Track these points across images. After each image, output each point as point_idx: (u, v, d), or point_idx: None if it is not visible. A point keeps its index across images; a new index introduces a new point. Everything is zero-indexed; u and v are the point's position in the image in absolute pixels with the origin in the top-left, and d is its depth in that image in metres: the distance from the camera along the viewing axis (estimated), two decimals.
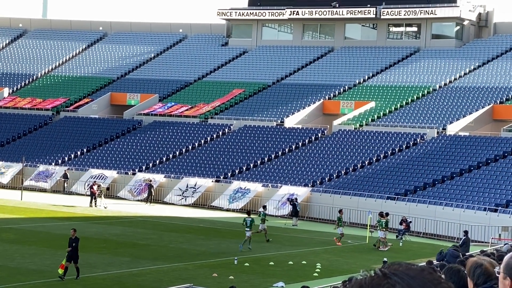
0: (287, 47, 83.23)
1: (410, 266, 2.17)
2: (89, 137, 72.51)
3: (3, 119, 77.23)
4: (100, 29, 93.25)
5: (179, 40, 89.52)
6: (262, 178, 60.88)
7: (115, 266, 33.78)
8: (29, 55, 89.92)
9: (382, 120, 67.36)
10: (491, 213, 48.95)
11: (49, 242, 39.56)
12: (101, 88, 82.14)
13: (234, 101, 75.67)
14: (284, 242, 43.75)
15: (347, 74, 76.75)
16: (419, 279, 2.09)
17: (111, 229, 45.78)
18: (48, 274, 31.32)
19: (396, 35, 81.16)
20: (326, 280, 29.71)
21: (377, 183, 56.66)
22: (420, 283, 2.09)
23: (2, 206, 54.07)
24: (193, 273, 32.85)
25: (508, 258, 4.64)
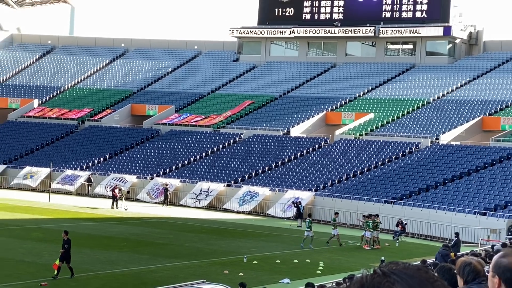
0: (293, 63, 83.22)
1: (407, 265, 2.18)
2: (111, 144, 72.59)
3: (32, 128, 77.41)
4: (121, 45, 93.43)
5: (194, 56, 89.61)
6: (269, 183, 60.84)
7: (134, 263, 33.78)
8: (57, 70, 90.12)
9: (380, 130, 67.26)
10: (480, 216, 48.81)
11: (73, 241, 39.36)
12: (123, 100, 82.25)
13: (244, 112, 75.66)
14: (289, 242, 43.69)
15: (348, 87, 76.68)
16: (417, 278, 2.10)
17: (131, 229, 45.79)
18: (74, 270, 31.33)
19: (393, 52, 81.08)
20: (328, 277, 29.64)
21: (375, 188, 56.57)
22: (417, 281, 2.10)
23: (31, 208, 54.19)
24: (206, 269, 32.83)
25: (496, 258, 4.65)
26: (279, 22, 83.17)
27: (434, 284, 2.11)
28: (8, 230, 42.22)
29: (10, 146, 74.03)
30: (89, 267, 32.29)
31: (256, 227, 50.35)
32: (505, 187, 52.97)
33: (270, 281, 30.00)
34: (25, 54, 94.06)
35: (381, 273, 2.15)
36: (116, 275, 30.95)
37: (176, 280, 28.78)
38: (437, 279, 2.12)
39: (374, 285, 2.13)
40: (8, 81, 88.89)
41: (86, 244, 38.71)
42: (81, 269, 31.33)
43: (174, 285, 24.92)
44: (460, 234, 41.07)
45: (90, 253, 35.84)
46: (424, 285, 2.09)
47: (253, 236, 45.15)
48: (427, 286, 2.09)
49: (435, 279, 2.12)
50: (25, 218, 48.33)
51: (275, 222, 53.64)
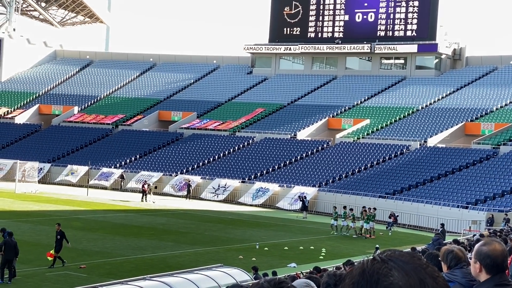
0: (299, 75, 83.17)
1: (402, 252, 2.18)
2: (141, 146, 72.72)
3: (73, 132, 77.66)
4: (150, 60, 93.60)
5: (213, 69, 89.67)
6: (278, 179, 60.79)
7: (161, 249, 33.82)
8: (94, 81, 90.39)
9: (376, 134, 67.11)
10: (463, 209, 48.63)
11: (109, 229, 39.70)
12: (151, 107, 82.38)
13: (257, 118, 75.64)
14: (296, 231, 43.64)
15: (347, 97, 76.56)
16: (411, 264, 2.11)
17: (158, 220, 45.85)
18: (108, 254, 31.43)
19: (387, 66, 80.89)
20: (330, 262, 29.60)
21: (371, 185, 56.45)
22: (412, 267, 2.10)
23: (72, 200, 54.36)
24: (223, 255, 32.83)
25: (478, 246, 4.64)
26: (288, 39, 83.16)
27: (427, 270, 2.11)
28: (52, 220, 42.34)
29: (54, 147, 74.29)
30: (122, 252, 32.36)
31: (267, 218, 50.32)
32: (484, 184, 52.76)
33: (279, 265, 29.99)
34: (66, 67, 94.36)
35: (380, 259, 2.16)
36: (145, 259, 31.01)
37: (197, 264, 28.78)
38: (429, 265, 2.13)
39: (374, 270, 2.14)
40: (52, 90, 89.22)
41: (119, 232, 38.80)
42: (114, 254, 31.42)
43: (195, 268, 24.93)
44: (445, 225, 40.99)
45: (122, 240, 35.91)
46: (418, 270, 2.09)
47: (264, 226, 45.13)
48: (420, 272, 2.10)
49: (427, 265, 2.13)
50: (67, 210, 48.48)
51: (283, 214, 53.62)
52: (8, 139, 77.47)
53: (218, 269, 20.04)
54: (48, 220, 42.15)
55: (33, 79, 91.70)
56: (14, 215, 43.90)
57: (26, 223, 40.60)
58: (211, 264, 23.53)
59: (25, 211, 46.30)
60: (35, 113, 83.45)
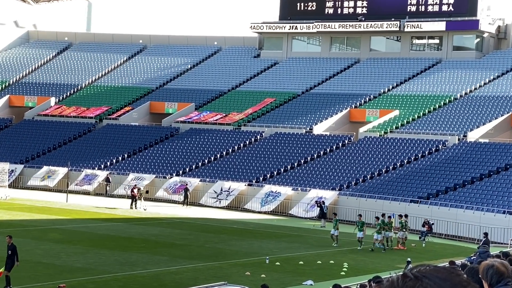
0: (315, 59, 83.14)
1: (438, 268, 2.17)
2: (130, 143, 72.87)
3: (50, 127, 77.86)
4: (140, 42, 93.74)
5: (214, 52, 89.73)
6: (292, 182, 60.83)
7: (154, 265, 33.88)
8: (74, 67, 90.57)
9: (406, 127, 67.06)
10: (510, 215, 48.53)
11: (92, 242, 39.80)
12: (141, 98, 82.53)
13: (266, 110, 75.69)
14: (312, 242, 43.65)
15: (372, 84, 76.51)
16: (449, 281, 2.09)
17: (150, 230, 45.95)
18: (92, 271, 31.51)
19: (419, 47, 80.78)
20: (353, 279, 29.59)
21: (401, 187, 56.42)
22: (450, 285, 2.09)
23: (49, 208, 54.52)
24: (227, 271, 32.88)
25: None
26: (301, 17, 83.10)
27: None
28: (25, 231, 42.50)
29: (27, 145, 74.50)
30: (107, 268, 32.43)
31: (278, 227, 50.34)
32: None
33: (293, 283, 30.00)
34: (41, 51, 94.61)
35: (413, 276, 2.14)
36: (135, 276, 31.07)
37: (197, 282, 28.83)
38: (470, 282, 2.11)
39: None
40: (24, 79, 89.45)
41: (105, 245, 38.90)
42: (99, 271, 31.50)
43: (195, 287, 24.98)
44: (489, 234, 40.91)
45: (108, 254, 35.99)
46: None
47: (275, 237, 45.13)
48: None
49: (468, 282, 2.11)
50: (43, 219, 48.62)
51: (297, 222, 53.63)
52: None
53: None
54: (21, 231, 42.25)
55: (2, 65, 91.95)
56: None
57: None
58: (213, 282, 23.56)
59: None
60: (4, 106, 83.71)
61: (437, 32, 78.24)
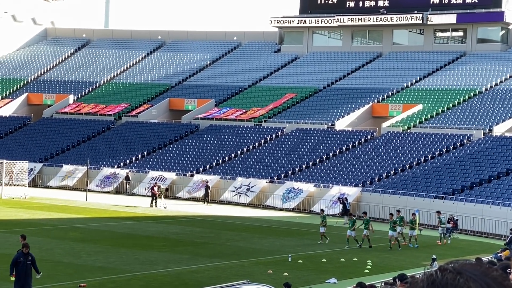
0: (337, 53, 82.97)
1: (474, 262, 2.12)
2: (149, 140, 73.03)
3: (68, 125, 78.19)
4: (158, 38, 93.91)
5: (234, 47, 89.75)
6: (314, 178, 60.75)
7: (175, 263, 33.94)
8: (92, 64, 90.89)
9: (430, 122, 66.80)
10: None
11: (112, 241, 39.93)
12: (160, 94, 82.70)
13: (287, 105, 75.62)
14: (335, 239, 43.56)
15: (395, 78, 76.26)
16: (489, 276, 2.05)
17: (170, 228, 46.03)
18: (112, 271, 31.60)
19: (443, 39, 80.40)
20: (377, 277, 29.50)
21: (425, 183, 56.19)
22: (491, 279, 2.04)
23: (69, 207, 54.78)
24: (249, 269, 32.87)
25: None
26: (322, 10, 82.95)
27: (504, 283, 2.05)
28: (45, 230, 42.73)
29: (46, 144, 74.85)
30: (128, 267, 32.52)
31: (301, 224, 50.31)
32: None
33: (316, 281, 29.95)
34: (59, 48, 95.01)
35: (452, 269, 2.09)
36: (156, 275, 31.12)
37: (218, 280, 28.85)
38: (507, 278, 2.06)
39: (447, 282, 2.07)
40: (42, 76, 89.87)
41: (125, 244, 39.01)
42: (119, 270, 31.59)
43: (216, 286, 24.98)
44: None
45: (129, 253, 36.09)
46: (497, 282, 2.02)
47: (298, 234, 45.10)
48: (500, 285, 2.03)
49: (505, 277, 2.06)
50: (62, 218, 48.86)
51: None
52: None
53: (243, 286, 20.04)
54: (41, 231, 42.50)
55: (20, 63, 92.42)
56: (0, 225, 44.31)
57: (15, 234, 40.92)
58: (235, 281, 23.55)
59: (14, 220, 46.74)
60: (23, 104, 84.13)
61: (461, 25, 77.83)
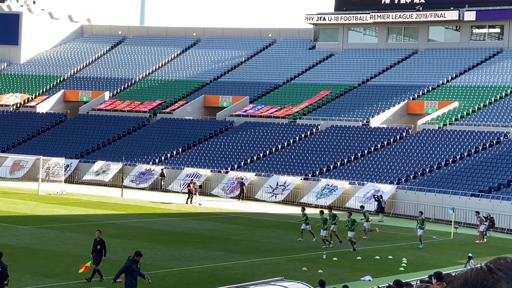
0: (372, 50, 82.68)
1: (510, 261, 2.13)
2: (184, 137, 73.32)
3: (104, 121, 78.71)
4: (193, 35, 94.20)
5: (268, 44, 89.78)
6: (348, 175, 60.62)
7: (209, 260, 34.06)
8: (128, 61, 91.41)
9: (466, 119, 66.34)
10: None
11: (148, 237, 40.17)
12: (195, 91, 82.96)
13: (322, 102, 75.52)
14: (370, 237, 43.44)
15: (431, 75, 75.83)
16: None
17: (205, 225, 46.19)
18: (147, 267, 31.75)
19: (479, 36, 79.78)
20: (412, 275, 29.39)
21: (461, 181, 55.83)
22: None
23: (104, 203, 55.17)
24: (284, 266, 32.90)
25: None
26: (357, 7, 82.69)
27: None
28: (81, 226, 43.09)
29: (82, 140, 75.44)
30: (163, 264, 32.71)
31: None
32: None
33: (350, 279, 29.90)
34: (95, 45, 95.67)
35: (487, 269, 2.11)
36: (191, 272, 31.25)
37: (253, 277, 28.91)
38: None
39: (478, 281, 2.10)
40: (78, 73, 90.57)
41: (160, 240, 39.23)
42: (155, 266, 31.77)
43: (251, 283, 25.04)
44: None
45: (164, 250, 36.29)
46: None
47: None
48: None
49: None
50: (98, 214, 49.22)
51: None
52: (29, 131, 78.99)
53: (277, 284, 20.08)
54: (77, 227, 42.90)
55: (56, 60, 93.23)
56: (37, 220, 44.79)
57: (52, 229, 41.38)
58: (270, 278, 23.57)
59: (50, 216, 47.18)
60: (59, 100, 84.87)
61: (498, 21, 77.17)
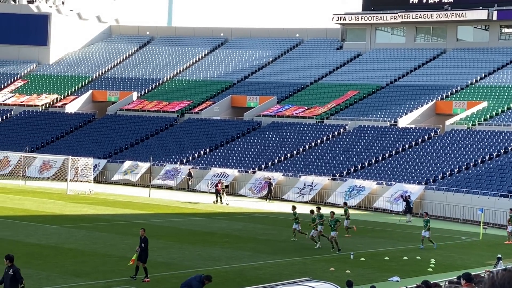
0: (400, 50, 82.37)
1: None
2: (212, 137, 73.48)
3: (132, 121, 79.08)
4: (221, 35, 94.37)
5: (296, 44, 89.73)
6: (376, 176, 60.44)
7: (237, 260, 34.10)
8: (156, 61, 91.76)
9: (495, 119, 65.90)
10: None
11: (175, 237, 40.29)
12: (222, 91, 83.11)
13: (349, 102, 75.36)
14: (398, 238, 43.29)
15: (459, 75, 75.41)
16: None
17: (233, 225, 46.24)
18: (175, 266, 31.91)
19: (509, 36, 79.19)
20: (440, 275, 29.25)
21: (490, 181, 55.45)
22: None
23: (132, 203, 55.41)
24: (311, 267, 32.88)
25: None
26: (385, 7, 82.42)
27: None
28: (109, 226, 43.33)
29: (110, 140, 75.84)
30: (190, 263, 32.79)
31: (363, 222, 50.05)
32: None
33: (378, 279, 29.81)
34: (123, 46, 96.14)
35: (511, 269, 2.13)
36: (218, 271, 31.29)
37: (280, 277, 28.91)
38: None
39: (504, 280, 2.12)
40: (107, 73, 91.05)
41: (187, 240, 39.34)
42: (182, 266, 31.87)
43: (278, 283, 25.04)
44: None
45: (191, 249, 36.38)
46: None
47: (360, 232, 44.91)
48: None
49: None
50: (126, 213, 49.44)
51: (382, 217, 53.29)
52: (58, 131, 79.55)
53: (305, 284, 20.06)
54: (105, 226, 43.12)
55: (85, 60, 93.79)
56: (66, 220, 45.09)
57: (80, 229, 41.64)
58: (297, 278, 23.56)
59: (79, 215, 47.48)
60: (88, 101, 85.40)
61: None
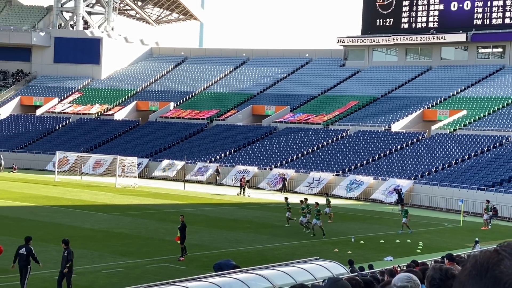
0: (393, 67, 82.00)
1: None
2: (236, 140, 73.46)
3: (169, 127, 79.22)
4: (243, 55, 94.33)
5: (306, 62, 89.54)
6: (373, 172, 60.20)
7: (257, 242, 34.08)
8: (189, 77, 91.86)
9: (473, 125, 65.45)
10: None
11: (206, 222, 40.32)
12: (245, 102, 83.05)
13: (350, 111, 75.08)
14: (392, 224, 43.12)
15: (443, 88, 74.95)
16: None
17: (253, 213, 46.22)
18: (205, 247, 31.94)
19: (484, 55, 78.67)
20: (427, 256, 29.10)
21: (469, 177, 55.10)
22: None
23: (169, 194, 55.49)
24: (319, 248, 32.82)
25: None
26: (380, 31, 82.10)
27: None
28: (150, 214, 43.44)
29: (151, 143, 76.01)
30: (218, 245, 32.81)
31: (362, 211, 49.96)
32: None
33: (375, 259, 29.72)
34: (162, 64, 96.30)
35: (493, 250, 2.10)
36: (241, 252, 31.32)
37: (293, 257, 28.87)
38: None
39: (485, 260, 2.09)
40: (149, 87, 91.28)
41: (216, 225, 39.36)
42: (211, 247, 31.91)
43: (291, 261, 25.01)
44: None
45: (219, 233, 36.40)
46: None
47: (359, 219, 44.81)
48: None
49: None
50: (164, 203, 49.53)
51: (378, 207, 53.08)
52: (108, 135, 79.81)
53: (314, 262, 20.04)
54: (147, 214, 43.23)
55: (131, 76, 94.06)
56: (115, 208, 45.24)
57: (127, 216, 41.76)
58: (307, 257, 23.54)
59: (125, 205, 47.62)
60: (133, 110, 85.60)
61: (500, 42, 76.05)
